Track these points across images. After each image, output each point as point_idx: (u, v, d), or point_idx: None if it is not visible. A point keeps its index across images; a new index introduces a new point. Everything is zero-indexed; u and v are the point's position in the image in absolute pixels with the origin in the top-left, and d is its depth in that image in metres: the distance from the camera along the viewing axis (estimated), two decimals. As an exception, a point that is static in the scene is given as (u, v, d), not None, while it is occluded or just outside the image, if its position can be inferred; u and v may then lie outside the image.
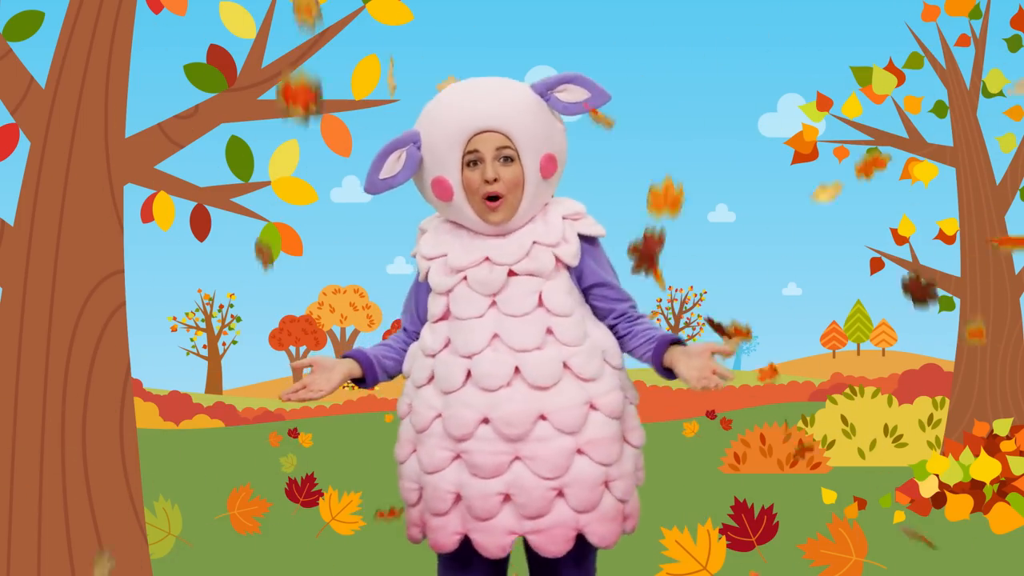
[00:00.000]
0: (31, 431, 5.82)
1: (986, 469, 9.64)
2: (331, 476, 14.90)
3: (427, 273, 3.60)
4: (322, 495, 10.06)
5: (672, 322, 63.26)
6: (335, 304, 66.29)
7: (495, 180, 3.49)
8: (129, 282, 6.06)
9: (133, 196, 6.07)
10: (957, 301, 15.70)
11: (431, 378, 3.55)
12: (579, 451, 3.47)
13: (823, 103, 15.74)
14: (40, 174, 5.91)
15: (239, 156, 6.02)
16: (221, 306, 58.84)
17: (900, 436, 17.03)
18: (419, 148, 3.54)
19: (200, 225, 6.15)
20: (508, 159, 3.50)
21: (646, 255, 3.66)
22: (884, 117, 16.48)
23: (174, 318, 58.62)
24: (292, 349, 63.19)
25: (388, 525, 9.77)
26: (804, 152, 15.88)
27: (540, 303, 3.50)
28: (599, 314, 3.64)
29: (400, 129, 3.68)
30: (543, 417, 3.46)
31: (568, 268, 3.57)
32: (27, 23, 5.93)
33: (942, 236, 15.91)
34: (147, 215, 6.07)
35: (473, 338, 3.49)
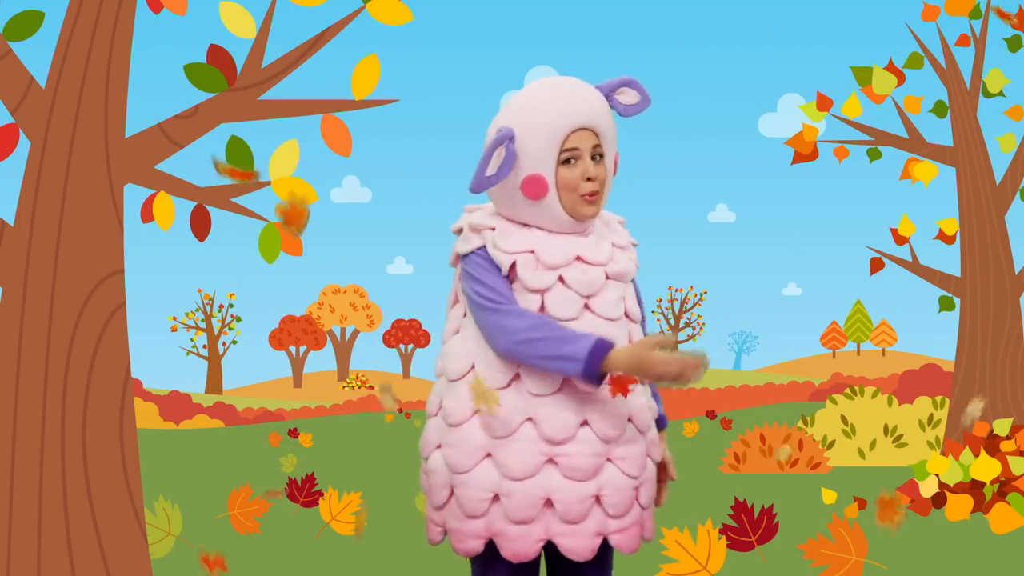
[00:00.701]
0: (31, 431, 5.82)
1: (986, 469, 9.64)
2: (331, 476, 14.90)
3: (512, 266, 3.50)
4: (322, 495, 10.06)
5: (672, 322, 63.27)
6: (335, 304, 66.33)
7: (595, 176, 3.52)
8: (129, 282, 6.06)
9: (133, 196, 6.07)
10: (957, 301, 15.71)
11: (511, 382, 3.48)
12: (647, 454, 3.56)
13: (823, 103, 15.74)
14: (40, 174, 5.91)
15: (239, 156, 6.02)
16: (221, 306, 58.88)
17: (900, 436, 17.03)
18: (513, 143, 3.51)
19: (200, 225, 6.15)
20: (599, 156, 3.55)
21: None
22: (884, 117, 16.47)
23: (174, 318, 58.65)
24: (292, 349, 63.22)
25: (388, 526, 9.77)
26: (804, 152, 15.88)
27: (624, 308, 3.56)
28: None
29: (400, 129, 3.66)
30: (629, 419, 3.51)
31: None
32: (27, 23, 5.93)
33: (942, 236, 15.91)
34: (147, 215, 6.07)
35: None
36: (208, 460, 19.79)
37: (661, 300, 63.82)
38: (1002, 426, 9.91)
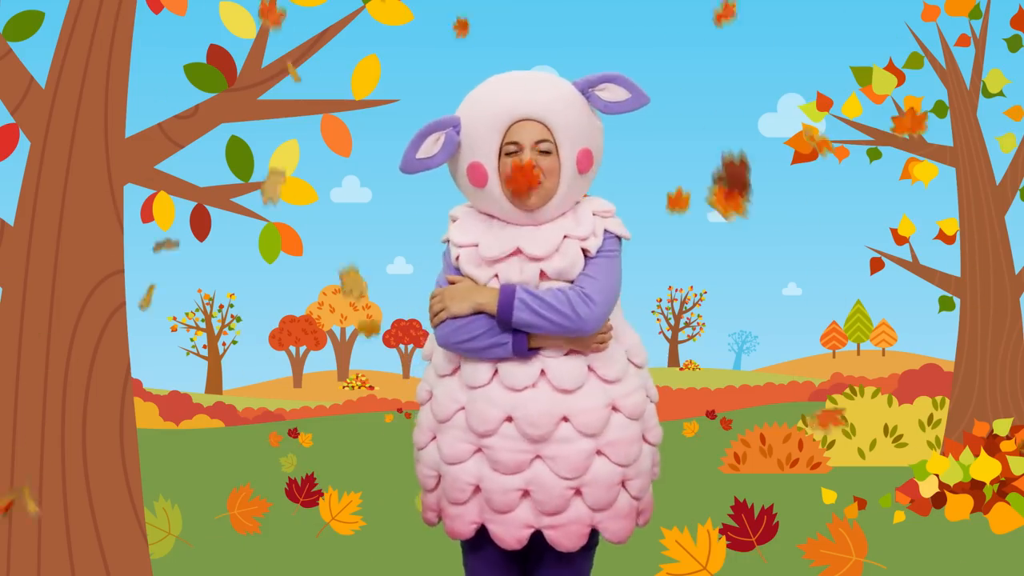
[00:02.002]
0: (31, 431, 5.82)
1: (986, 469, 9.64)
2: (331, 476, 14.90)
3: (458, 259, 3.60)
4: (322, 495, 10.06)
5: (672, 322, 63.27)
6: (335, 304, 66.28)
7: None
8: (129, 282, 6.07)
9: (133, 196, 6.07)
10: (957, 301, 15.70)
11: (456, 370, 3.58)
12: (598, 452, 3.52)
13: (823, 103, 15.75)
14: (40, 174, 5.91)
15: (239, 156, 6.02)
16: (221, 306, 58.85)
17: (900, 436, 17.03)
18: (458, 133, 3.55)
19: (200, 225, 6.15)
20: (546, 152, 3.53)
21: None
22: (884, 117, 16.47)
23: (174, 318, 58.62)
24: (292, 349, 63.18)
25: (388, 526, 9.77)
26: (804, 152, 15.87)
27: None
28: None
29: (399, 129, 3.69)
30: (566, 419, 3.50)
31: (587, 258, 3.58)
32: (27, 23, 5.93)
33: (942, 236, 15.91)
34: (147, 215, 6.07)
35: None
36: (208, 460, 19.78)
37: (661, 300, 63.78)
38: (1002, 426, 9.91)
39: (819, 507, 10.35)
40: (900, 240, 16.10)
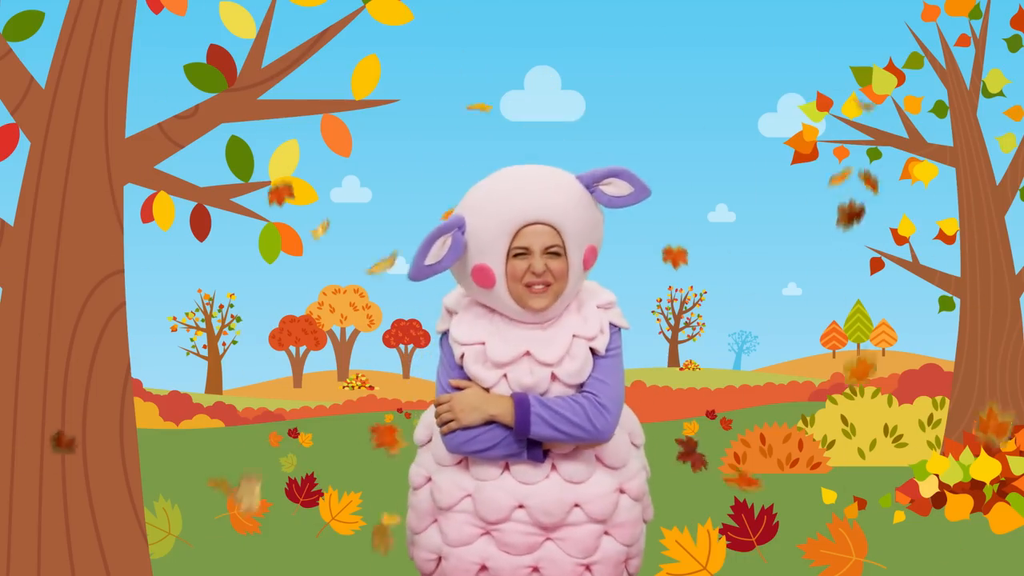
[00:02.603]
0: (31, 431, 5.82)
1: (986, 469, 9.64)
2: (331, 476, 14.90)
3: (462, 357, 3.52)
4: (322, 495, 10.06)
5: (672, 322, 63.26)
6: (335, 304, 66.25)
7: (543, 272, 3.46)
8: (129, 282, 6.06)
9: (133, 196, 6.07)
10: (957, 301, 15.70)
11: (461, 461, 3.54)
12: (606, 532, 3.54)
13: (823, 103, 15.74)
14: (40, 174, 5.91)
15: (239, 156, 6.02)
16: (221, 306, 58.83)
17: (900, 436, 17.03)
18: (463, 233, 3.47)
19: (200, 225, 6.15)
20: (555, 254, 3.47)
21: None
22: (884, 117, 16.46)
23: (174, 318, 58.60)
24: (292, 349, 63.17)
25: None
26: (804, 152, 15.87)
27: None
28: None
29: (399, 129, 3.65)
30: (577, 505, 3.50)
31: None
32: (27, 23, 5.93)
33: (942, 236, 15.91)
34: (147, 215, 6.07)
35: None
36: (208, 460, 19.78)
37: (661, 300, 63.78)
38: (1002, 426, 9.90)
39: (819, 507, 10.34)
40: (900, 240, 16.10)
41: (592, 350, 3.50)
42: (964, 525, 9.39)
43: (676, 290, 64.81)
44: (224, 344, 58.43)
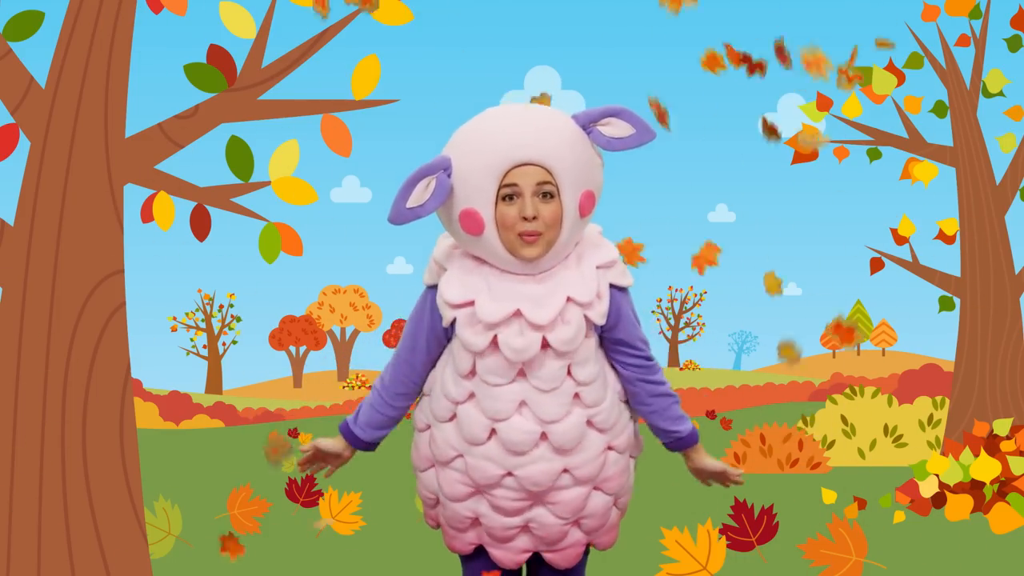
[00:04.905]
0: (31, 431, 5.82)
1: (986, 469, 9.64)
2: (331, 476, 14.88)
3: (452, 322, 3.41)
4: (322, 495, 10.06)
5: (672, 322, 63.26)
6: (335, 304, 66.23)
7: (534, 218, 3.30)
8: (129, 282, 6.06)
9: (133, 196, 6.07)
10: (957, 301, 15.70)
11: (453, 417, 3.49)
12: (595, 487, 3.52)
13: (823, 103, 15.74)
14: (40, 174, 5.91)
15: (239, 156, 6.02)
16: (221, 306, 58.82)
17: (900, 436, 17.03)
18: (449, 176, 3.31)
19: (200, 225, 6.15)
20: (548, 195, 3.31)
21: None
22: (884, 117, 16.45)
23: (174, 318, 58.59)
24: (292, 349, 63.16)
25: (388, 526, 9.76)
26: (804, 152, 15.87)
27: (569, 374, 3.42)
28: (615, 368, 3.55)
29: (399, 129, 3.60)
30: (566, 470, 3.48)
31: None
32: (27, 23, 5.93)
33: (942, 236, 15.91)
34: (147, 215, 6.07)
35: (500, 405, 3.40)
36: (208, 460, 19.77)
37: (661, 300, 63.78)
38: (1002, 426, 9.91)
39: (819, 507, 10.34)
40: (900, 240, 16.09)
41: (590, 320, 3.38)
42: (964, 525, 9.39)
43: (676, 290, 64.82)
44: (224, 344, 58.42)
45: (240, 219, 6.13)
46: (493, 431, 3.41)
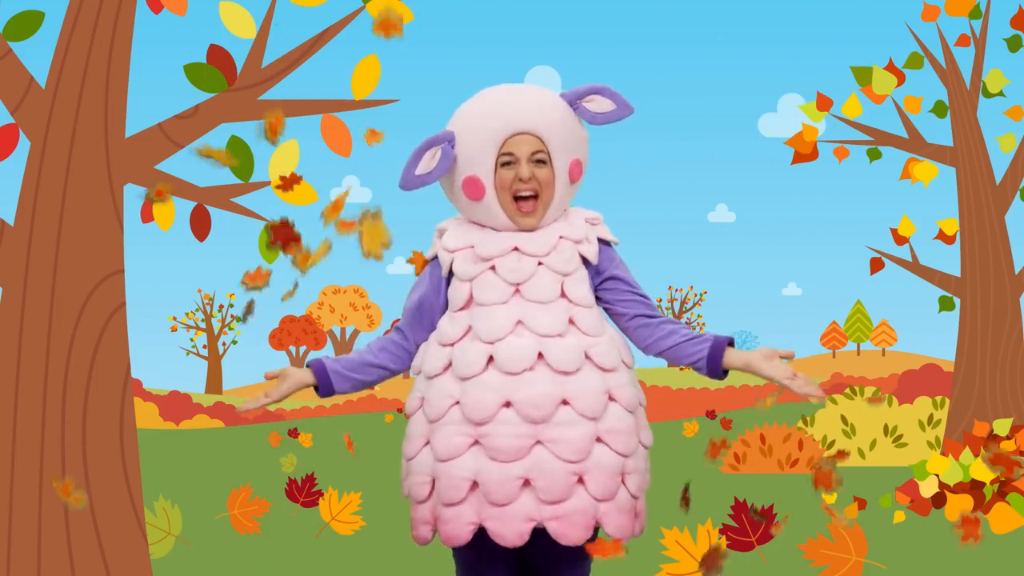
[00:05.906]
0: (31, 431, 5.82)
1: (986, 469, 9.63)
2: (331, 476, 14.90)
3: (451, 264, 3.66)
4: (322, 495, 10.06)
5: (672, 322, 63.23)
6: (335, 304, 66.24)
7: (530, 179, 3.61)
8: (129, 282, 6.06)
9: (133, 196, 6.07)
10: (957, 301, 15.71)
11: (447, 366, 3.60)
12: (599, 439, 3.54)
13: (823, 103, 15.74)
14: (40, 174, 5.91)
15: (239, 156, 6.02)
16: (221, 306, 58.84)
17: (900, 436, 17.04)
18: (453, 147, 3.64)
19: (200, 225, 6.15)
20: (541, 162, 3.63)
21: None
22: (884, 117, 16.47)
23: (174, 318, 58.62)
24: (292, 349, 63.16)
25: (388, 526, 9.77)
26: (804, 152, 15.88)
27: (563, 293, 3.61)
28: (614, 312, 3.73)
29: (399, 128, 3.77)
30: (565, 402, 3.53)
31: (587, 265, 3.68)
32: (27, 23, 5.93)
33: (942, 236, 15.91)
34: (147, 215, 6.07)
35: (496, 324, 3.56)
36: (208, 460, 19.79)
37: (661, 300, 63.79)
38: (1002, 426, 9.91)
39: (819, 507, 10.34)
40: (900, 240, 16.10)
41: (583, 255, 3.64)
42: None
43: (676, 290, 64.85)
44: (224, 344, 58.44)
45: (240, 219, 6.13)
46: (491, 358, 3.54)
